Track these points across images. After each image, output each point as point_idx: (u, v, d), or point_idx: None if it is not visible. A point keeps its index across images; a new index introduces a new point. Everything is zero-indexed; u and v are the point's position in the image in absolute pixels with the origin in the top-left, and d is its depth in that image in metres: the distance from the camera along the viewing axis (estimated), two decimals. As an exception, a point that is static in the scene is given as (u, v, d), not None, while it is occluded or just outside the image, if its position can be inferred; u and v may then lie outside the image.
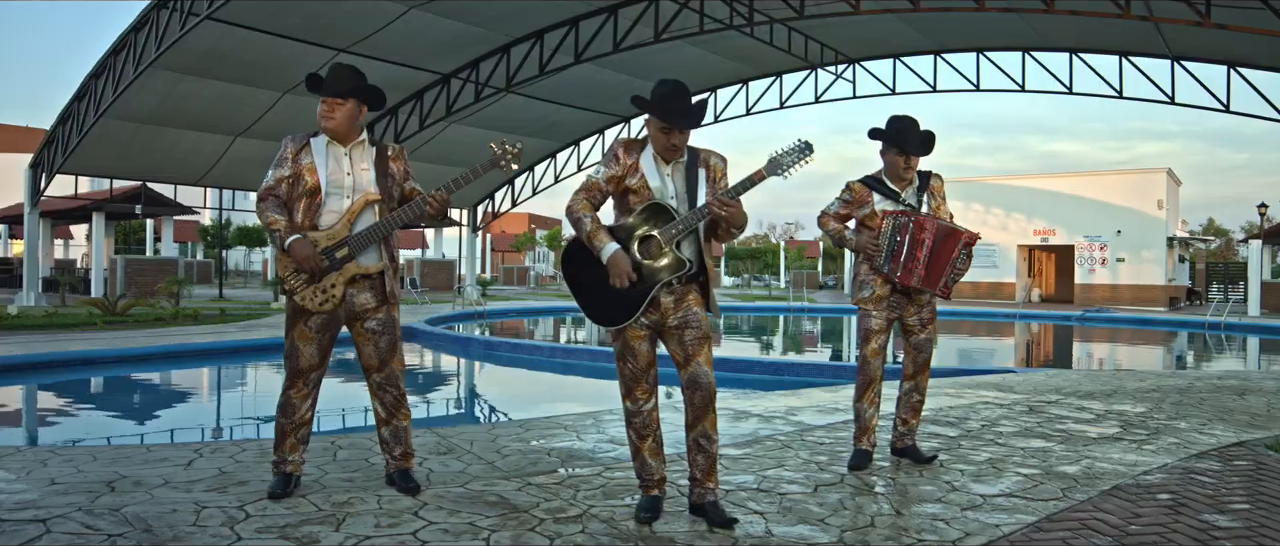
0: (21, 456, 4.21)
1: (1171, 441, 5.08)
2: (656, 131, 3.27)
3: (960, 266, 4.18)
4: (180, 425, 7.15)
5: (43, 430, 6.83)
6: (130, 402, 8.44)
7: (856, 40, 17.38)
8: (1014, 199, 30.66)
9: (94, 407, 8.30)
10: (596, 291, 3.28)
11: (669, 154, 3.30)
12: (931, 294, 4.25)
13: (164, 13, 13.18)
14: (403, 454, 3.72)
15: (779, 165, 3.28)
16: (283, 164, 3.54)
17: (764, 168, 3.29)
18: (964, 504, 3.66)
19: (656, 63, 18.44)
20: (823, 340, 17.24)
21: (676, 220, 3.25)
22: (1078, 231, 29.21)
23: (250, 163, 18.97)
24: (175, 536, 3.05)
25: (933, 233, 4.12)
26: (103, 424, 7.13)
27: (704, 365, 3.28)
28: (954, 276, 4.19)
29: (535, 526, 3.24)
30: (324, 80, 3.51)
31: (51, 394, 8.57)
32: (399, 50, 16.12)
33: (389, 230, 3.52)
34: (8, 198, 35.07)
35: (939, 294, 4.21)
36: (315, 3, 13.45)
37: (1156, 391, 7.21)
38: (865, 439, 4.33)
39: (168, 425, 7.14)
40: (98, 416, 7.67)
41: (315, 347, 3.57)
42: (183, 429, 6.96)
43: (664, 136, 3.25)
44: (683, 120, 3.23)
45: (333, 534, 3.11)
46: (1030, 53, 16.04)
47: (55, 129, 16.32)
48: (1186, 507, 3.69)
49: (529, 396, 9.24)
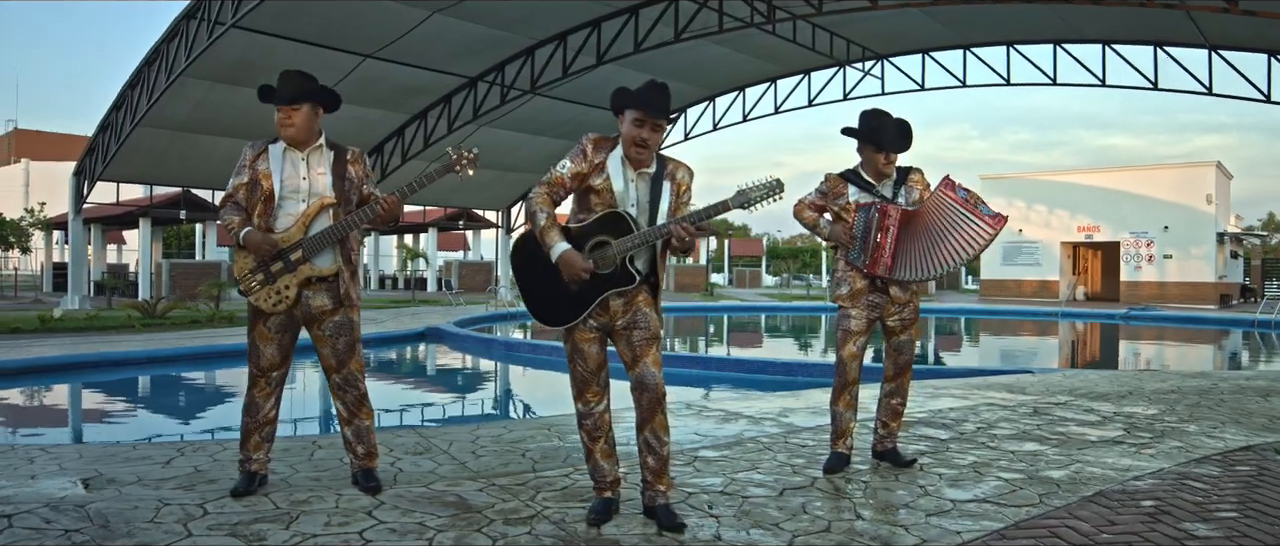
0: (11, 454, 4.33)
1: (1175, 445, 4.90)
2: (629, 125, 3.23)
3: None
4: (178, 424, 7.30)
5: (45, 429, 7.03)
6: (140, 402, 8.65)
7: (884, 35, 17.13)
8: (1056, 195, 29.92)
9: (104, 407, 8.53)
10: (543, 290, 3.27)
11: (638, 155, 3.26)
12: (908, 287, 4.15)
13: (192, 23, 13.52)
14: (366, 453, 3.75)
15: (747, 198, 3.23)
16: (241, 171, 3.60)
17: (731, 199, 3.24)
18: (931, 509, 3.56)
19: (682, 63, 18.40)
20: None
21: (634, 234, 3.20)
22: (1123, 228, 28.40)
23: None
24: (129, 532, 3.11)
25: (897, 221, 4.02)
26: (106, 423, 7.32)
27: (651, 366, 3.24)
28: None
29: (483, 527, 3.23)
30: (275, 90, 3.55)
31: (66, 394, 8.83)
32: (425, 54, 16.31)
33: (343, 232, 3.55)
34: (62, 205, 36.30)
35: (907, 281, 4.11)
36: (338, 9, 13.67)
37: (1175, 392, 6.96)
38: (841, 442, 4.25)
39: (166, 424, 7.30)
40: (103, 416, 7.88)
41: (275, 347, 3.61)
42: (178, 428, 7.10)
43: (636, 130, 3.21)
44: (656, 109, 3.19)
45: (281, 532, 3.14)
46: (1061, 45, 15.63)
47: (96, 137, 16.86)
48: (1168, 515, 3.55)
49: (538, 398, 9.27)
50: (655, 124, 3.21)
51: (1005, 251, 30.89)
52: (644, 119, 3.20)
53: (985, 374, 8.20)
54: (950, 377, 7.79)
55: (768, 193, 3.20)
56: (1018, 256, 30.69)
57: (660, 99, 3.21)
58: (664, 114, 3.23)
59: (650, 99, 3.20)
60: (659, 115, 3.21)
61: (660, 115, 3.21)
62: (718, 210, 3.21)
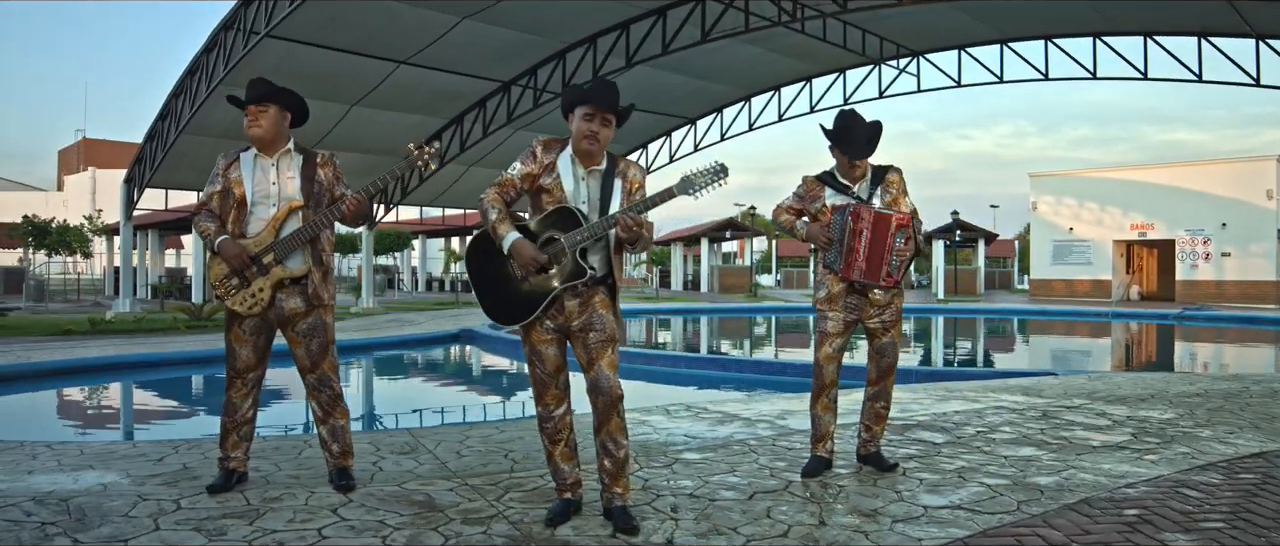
0: (17, 451, 4.51)
1: (1181, 451, 4.72)
2: (579, 120, 3.26)
3: (901, 251, 4.00)
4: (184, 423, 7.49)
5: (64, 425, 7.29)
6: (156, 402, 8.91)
7: (918, 32, 16.84)
8: (1108, 192, 29.07)
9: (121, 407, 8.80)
10: (496, 288, 3.30)
11: (588, 147, 3.28)
12: (881, 288, 4.07)
13: (229, 33, 13.91)
14: (341, 452, 3.82)
15: (691, 184, 3.23)
16: (215, 180, 3.72)
17: (675, 186, 3.25)
18: (899, 515, 3.50)
19: (714, 62, 18.35)
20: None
21: (582, 227, 3.22)
22: (1178, 225, 27.46)
23: (326, 173, 19.78)
24: (101, 525, 3.22)
25: (869, 222, 3.96)
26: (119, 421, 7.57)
27: (606, 369, 3.24)
28: (896, 262, 4.00)
29: (440, 526, 3.27)
30: (245, 95, 3.67)
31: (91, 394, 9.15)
32: (458, 60, 16.51)
33: (313, 233, 3.64)
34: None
35: (883, 284, 4.04)
36: (368, 17, 13.93)
37: (1200, 396, 6.71)
38: (821, 445, 4.20)
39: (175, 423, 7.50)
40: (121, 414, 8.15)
41: (251, 349, 3.71)
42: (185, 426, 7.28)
43: (586, 123, 3.24)
44: (603, 102, 3.23)
45: (244, 528, 3.22)
46: (1101, 37, 15.17)
47: (144, 146, 17.45)
48: (1149, 525, 3.42)
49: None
50: (604, 117, 3.25)
51: (1055, 250, 30.12)
52: (593, 112, 3.24)
53: (1005, 376, 8.00)
54: (966, 380, 7.62)
55: (712, 178, 3.21)
56: (1068, 255, 29.89)
57: (608, 93, 3.27)
58: (612, 107, 3.26)
59: (598, 93, 3.26)
60: (607, 107, 3.24)
61: (608, 107, 3.25)
62: (663, 198, 3.22)
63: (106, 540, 3.06)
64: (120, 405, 8.76)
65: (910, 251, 4.05)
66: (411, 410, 8.30)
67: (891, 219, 3.97)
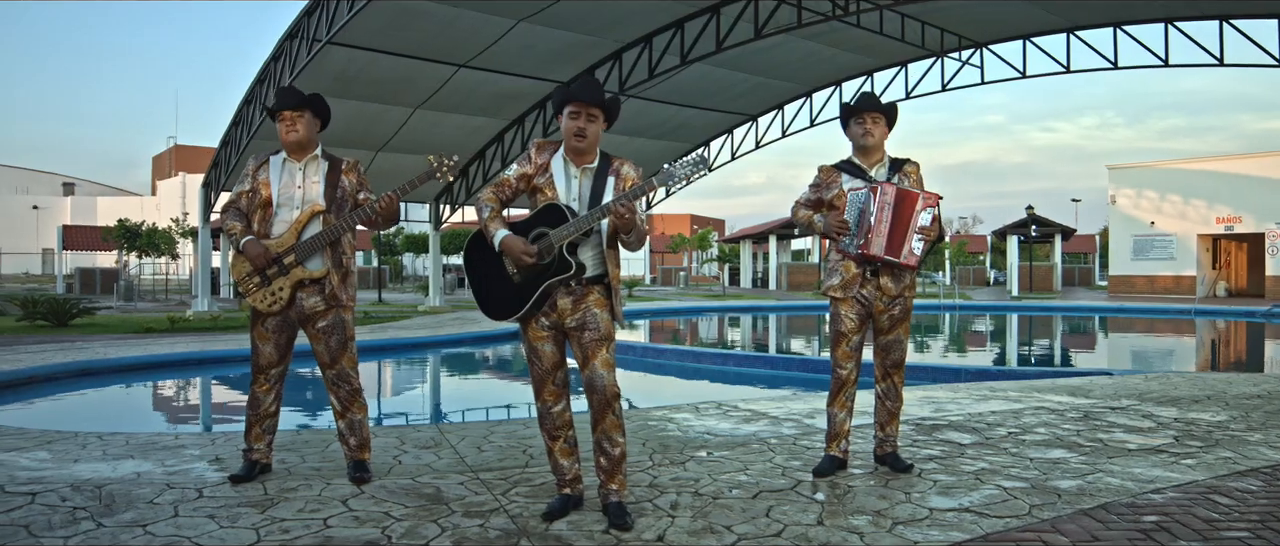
0: (71, 441, 4.81)
1: (1224, 455, 4.51)
2: (567, 118, 3.33)
3: (927, 230, 3.93)
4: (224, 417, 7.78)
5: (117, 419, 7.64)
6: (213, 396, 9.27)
7: (980, 22, 16.36)
8: (1192, 184, 27.70)
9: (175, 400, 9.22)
10: (490, 284, 3.39)
11: (577, 144, 3.33)
12: (902, 266, 3.99)
13: (294, 42, 14.44)
14: (358, 445, 3.96)
15: (671, 176, 3.25)
16: (245, 180, 3.89)
17: (656, 177, 3.28)
18: (903, 517, 3.44)
19: (772, 58, 18.20)
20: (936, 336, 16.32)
21: (569, 222, 3.27)
22: (1268, 217, 25.96)
23: (392, 175, 20.33)
24: (126, 510, 3.42)
25: (892, 198, 3.91)
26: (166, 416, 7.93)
27: (601, 368, 3.28)
28: (919, 241, 3.93)
29: (441, 518, 3.36)
30: (277, 102, 3.84)
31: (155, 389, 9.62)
32: (517, 62, 16.78)
33: (333, 237, 3.78)
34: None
35: (904, 264, 3.96)
36: (426, 22, 14.27)
37: (1260, 397, 6.37)
38: (835, 445, 4.15)
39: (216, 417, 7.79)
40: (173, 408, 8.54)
41: (273, 346, 3.87)
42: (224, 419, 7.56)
43: (573, 121, 3.30)
44: (586, 96, 3.29)
45: (256, 515, 3.37)
46: (1172, 23, 14.46)
47: (219, 152, 18.25)
48: (1165, 533, 3.29)
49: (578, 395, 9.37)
50: (590, 112, 3.31)
51: (1135, 245, 28.86)
52: (579, 109, 3.29)
53: (1055, 376, 7.73)
54: (1011, 379, 7.40)
55: (693, 168, 3.25)
56: (1149, 251, 28.60)
57: (590, 88, 3.33)
58: (597, 101, 3.31)
59: (580, 88, 3.32)
60: (591, 102, 3.29)
61: (592, 101, 3.29)
62: (648, 188, 3.25)
63: (128, 525, 3.25)
64: (174, 399, 9.19)
65: (935, 233, 3.99)
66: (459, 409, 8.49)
67: (917, 196, 3.92)
